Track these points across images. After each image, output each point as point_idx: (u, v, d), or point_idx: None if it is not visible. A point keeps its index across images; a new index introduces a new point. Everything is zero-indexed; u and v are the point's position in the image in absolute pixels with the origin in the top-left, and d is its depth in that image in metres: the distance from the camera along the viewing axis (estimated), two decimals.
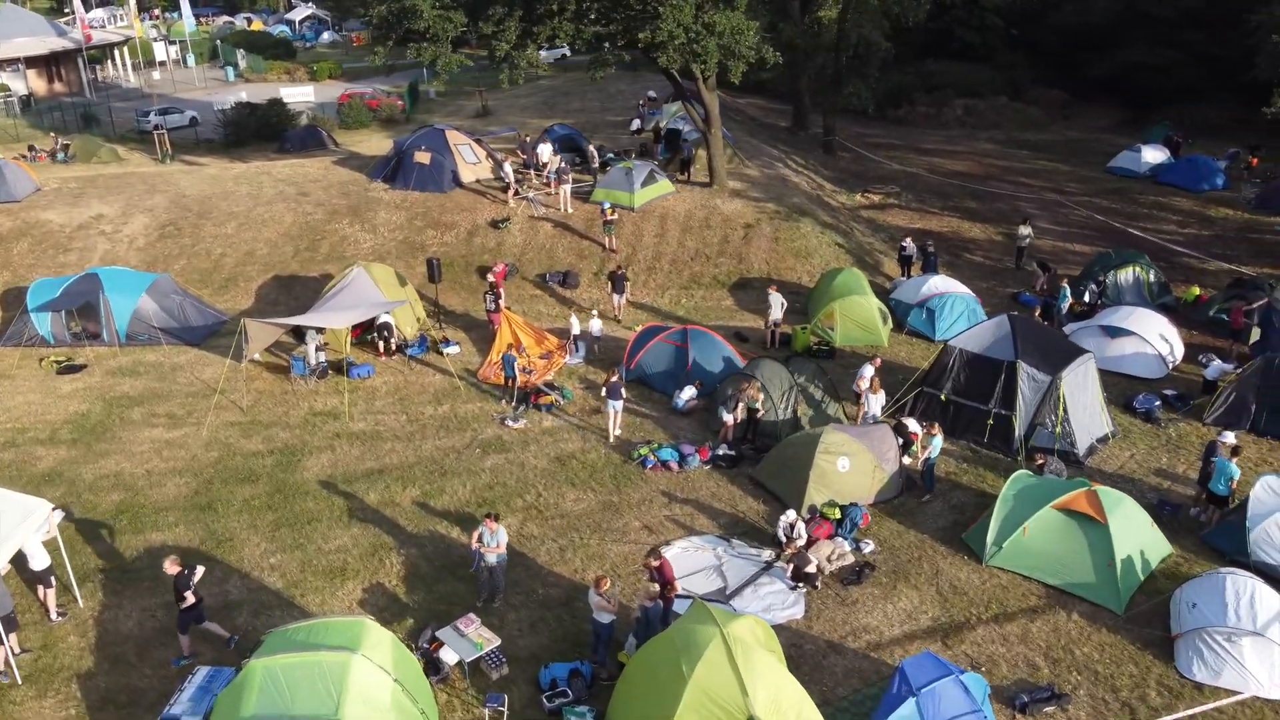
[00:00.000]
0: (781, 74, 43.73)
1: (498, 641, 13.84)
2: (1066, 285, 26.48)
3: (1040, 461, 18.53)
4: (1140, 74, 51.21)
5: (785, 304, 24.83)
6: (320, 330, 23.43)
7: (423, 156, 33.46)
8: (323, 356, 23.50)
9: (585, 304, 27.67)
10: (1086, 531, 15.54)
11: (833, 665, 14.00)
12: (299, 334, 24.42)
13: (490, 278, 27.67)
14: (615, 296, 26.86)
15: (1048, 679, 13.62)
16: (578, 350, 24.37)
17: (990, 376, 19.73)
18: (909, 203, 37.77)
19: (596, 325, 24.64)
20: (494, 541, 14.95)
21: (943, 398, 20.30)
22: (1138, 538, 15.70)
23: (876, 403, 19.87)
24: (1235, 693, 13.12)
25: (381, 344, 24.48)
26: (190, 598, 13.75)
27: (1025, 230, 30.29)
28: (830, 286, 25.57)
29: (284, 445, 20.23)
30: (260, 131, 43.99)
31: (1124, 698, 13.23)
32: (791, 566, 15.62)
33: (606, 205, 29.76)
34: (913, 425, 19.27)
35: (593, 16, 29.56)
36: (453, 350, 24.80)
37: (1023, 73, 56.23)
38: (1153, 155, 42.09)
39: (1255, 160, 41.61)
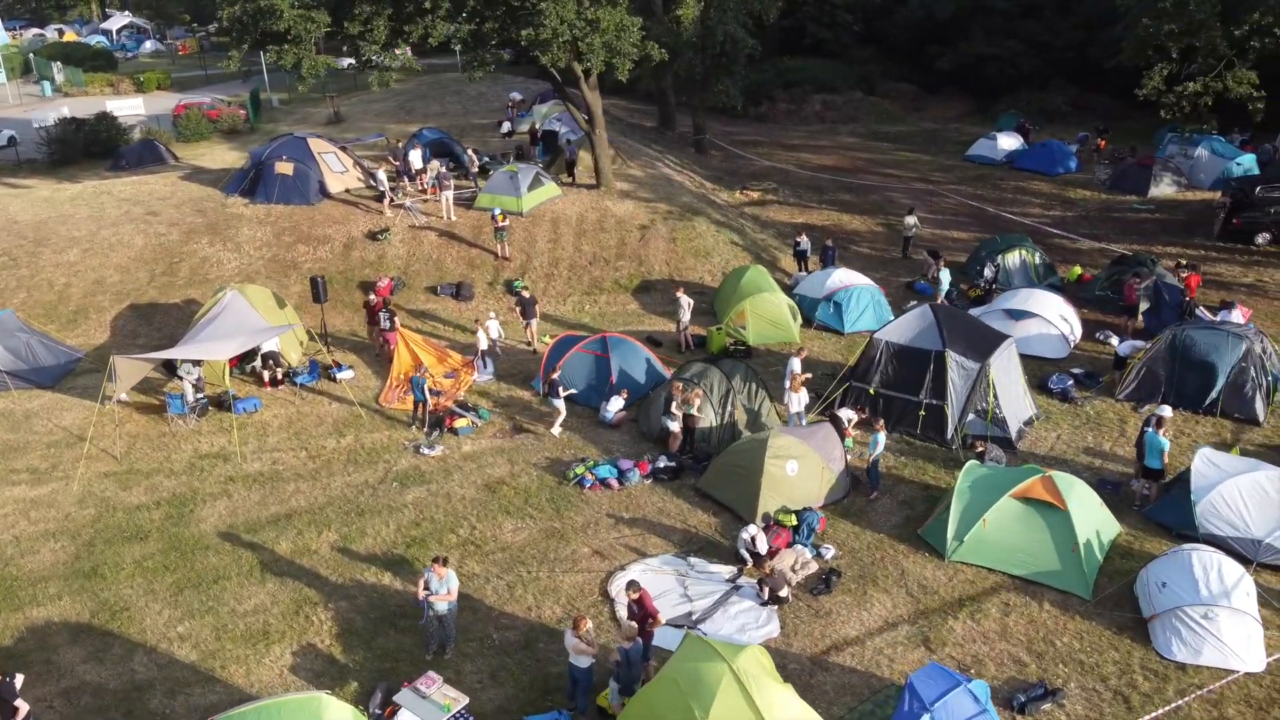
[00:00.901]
0: (645, 74, 43.23)
1: (465, 700, 12.42)
2: (947, 269, 26.97)
3: (980, 449, 18.45)
4: (985, 65, 53.50)
5: (692, 304, 24.10)
6: (197, 363, 21.12)
7: (284, 167, 31.06)
8: (202, 392, 21.18)
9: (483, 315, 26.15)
10: (1046, 518, 15.42)
11: (822, 683, 13.28)
12: (169, 368, 21.99)
13: (372, 297, 25.64)
14: (526, 322, 24.50)
15: (1037, 675, 13.32)
16: (486, 367, 22.92)
17: (919, 367, 19.56)
18: (787, 198, 37.89)
19: (494, 326, 23.29)
20: (444, 588, 13.50)
21: (871, 391, 20.01)
22: (1093, 520, 15.71)
23: (798, 401, 19.37)
24: (1219, 670, 13.14)
25: (266, 374, 22.32)
26: (22, 706, 11.75)
27: (911, 220, 30.71)
28: (738, 285, 25.03)
29: (171, 495, 17.99)
30: (89, 149, 39.98)
31: (1114, 686, 13.06)
32: (767, 590, 14.78)
33: (497, 211, 28.33)
34: (846, 414, 18.89)
35: (468, 14, 28.05)
36: (346, 375, 22.88)
37: (875, 68, 57.82)
38: (1008, 142, 43.85)
39: (1103, 143, 43.94)
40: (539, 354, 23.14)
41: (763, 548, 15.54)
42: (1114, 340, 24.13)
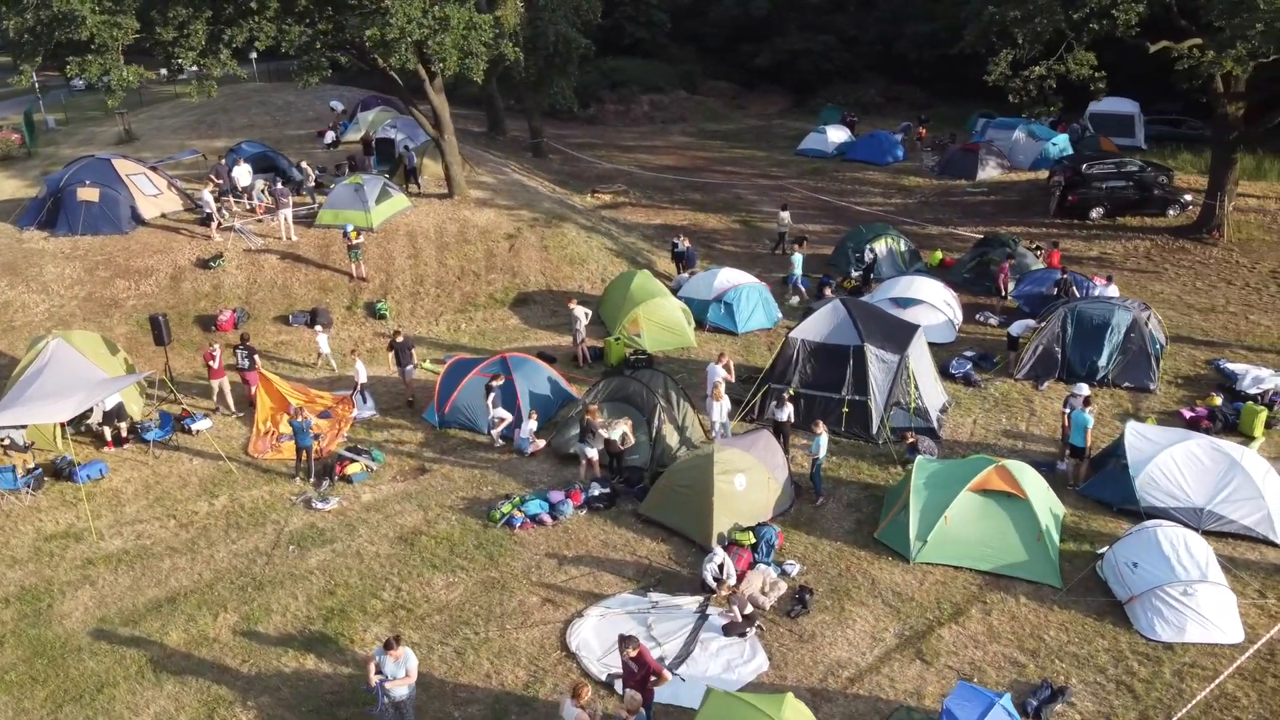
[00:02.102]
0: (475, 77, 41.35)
1: None
2: (800, 255, 27.09)
3: (911, 440, 18.18)
4: (800, 60, 54.85)
5: (590, 314, 22.75)
6: (21, 426, 17.81)
7: (88, 193, 27.21)
8: (32, 460, 17.88)
9: (343, 344, 23.75)
10: (1007, 509, 15.15)
11: (830, 716, 12.32)
12: None
13: (213, 339, 22.71)
14: (401, 371, 21.02)
15: (1037, 675, 12.90)
16: (366, 402, 20.65)
17: (838, 364, 19.08)
18: (639, 200, 37.10)
19: (361, 370, 20.78)
20: (401, 670, 11.58)
21: (791, 391, 19.34)
22: (1047, 505, 15.60)
23: (720, 410, 18.46)
24: (1204, 645, 13.17)
25: (108, 431, 19.17)
26: None
27: (785, 215, 30.53)
28: (628, 291, 23.84)
29: (20, 588, 14.93)
30: None
31: (1113, 676, 12.83)
32: (735, 610, 13.72)
33: (349, 228, 25.82)
34: (785, 412, 18.16)
35: (298, 14, 25.42)
36: (204, 425, 20.03)
37: (695, 67, 58.14)
38: (837, 135, 44.91)
39: (924, 131, 45.78)
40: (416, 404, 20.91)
41: (733, 574, 14.45)
42: (993, 320, 24.71)
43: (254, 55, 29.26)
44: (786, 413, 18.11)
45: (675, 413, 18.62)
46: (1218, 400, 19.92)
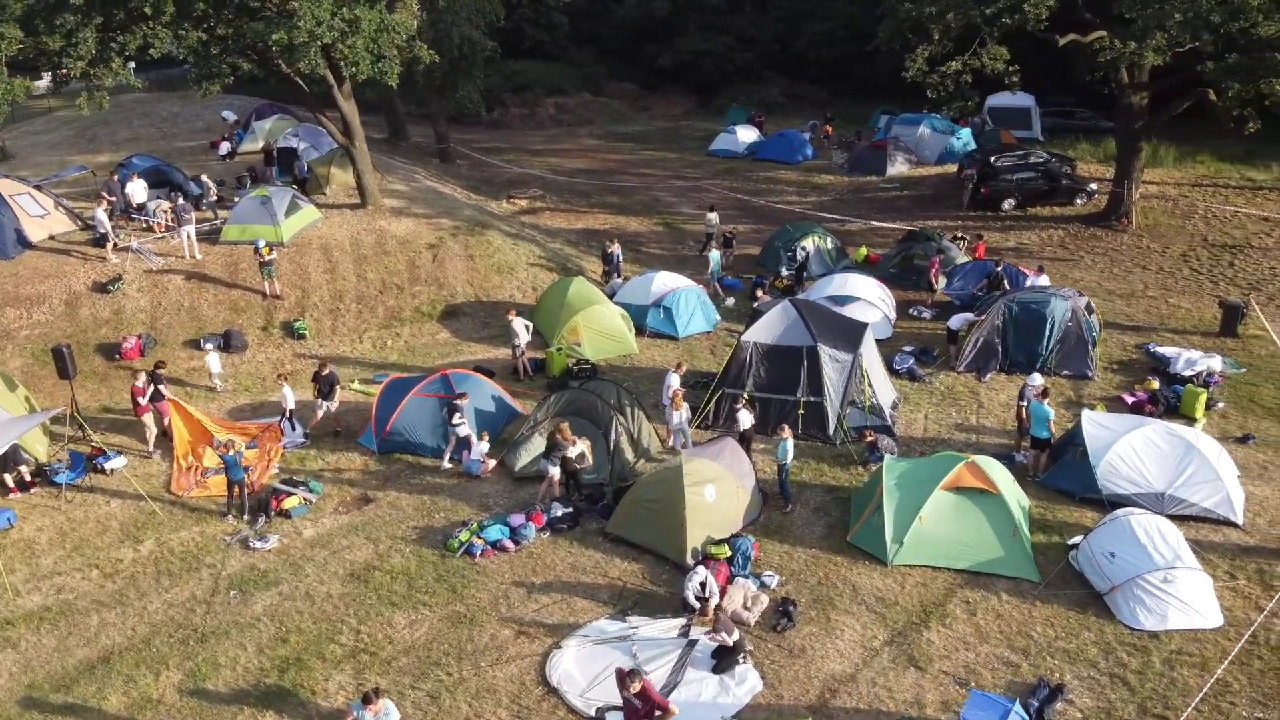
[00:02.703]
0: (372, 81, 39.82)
1: None
2: (717, 253, 27.29)
3: (871, 439, 18.00)
4: (702, 61, 54.86)
5: (530, 326, 21.89)
6: None
7: None
8: None
9: (261, 368, 22.33)
10: (981, 505, 15.05)
11: None
12: None
13: (136, 368, 21.06)
14: (323, 404, 19.36)
15: (1031, 673, 12.74)
16: (294, 429, 19.36)
17: (792, 366, 18.77)
18: (556, 205, 36.31)
19: (288, 395, 19.50)
20: None
21: (745, 396, 18.95)
22: (1016, 499, 15.57)
23: (680, 418, 17.94)
24: (1187, 631, 13.24)
25: (10, 477, 17.43)
26: None
27: (713, 217, 30.19)
28: (565, 299, 23.07)
29: None
30: None
31: (1105, 669, 12.76)
32: (718, 643, 13.09)
33: (261, 243, 24.31)
34: (745, 417, 17.72)
35: (197, 18, 23.82)
36: (118, 464, 18.43)
37: (598, 69, 57.57)
38: (746, 135, 44.96)
39: (830, 129, 46.24)
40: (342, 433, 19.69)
41: (715, 592, 13.89)
42: (926, 315, 24.88)
43: (131, 65, 27.25)
44: (747, 419, 17.68)
45: (631, 424, 18.01)
46: (1155, 384, 20.36)
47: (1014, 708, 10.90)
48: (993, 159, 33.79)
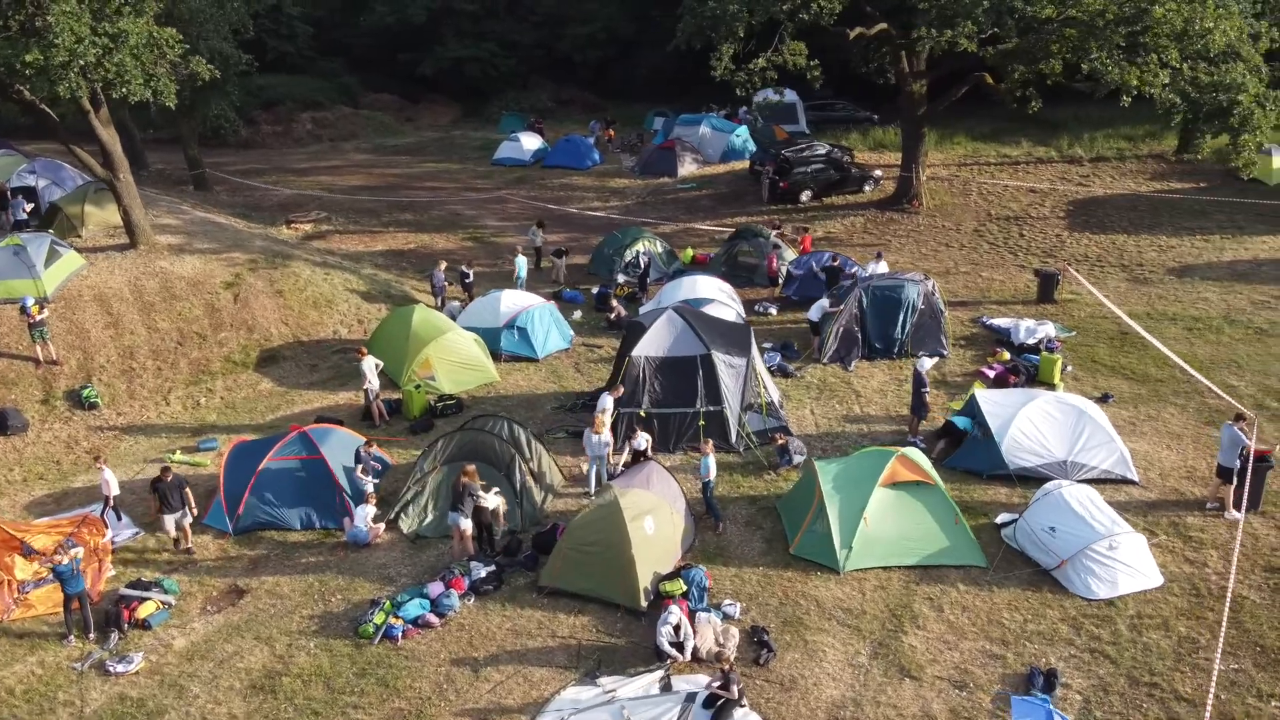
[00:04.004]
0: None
1: None
2: (523, 259, 26.60)
3: (782, 442, 17.48)
4: (466, 67, 52.93)
5: (381, 364, 19.56)
6: None
7: None
8: None
9: (54, 451, 18.59)
10: (920, 498, 14.84)
11: None
12: None
13: None
14: (167, 519, 15.34)
15: (1019, 663, 12.58)
16: (120, 519, 16.10)
17: (687, 376, 17.90)
18: (346, 227, 33.42)
19: (110, 480, 16.13)
20: None
21: (642, 413, 17.87)
22: (945, 486, 15.51)
23: (600, 443, 16.60)
24: (1138, 594, 13.62)
25: None
26: None
27: (538, 230, 28.70)
28: (409, 331, 20.87)
29: None
30: None
31: (1082, 645, 12.83)
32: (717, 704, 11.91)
33: (29, 301, 20.28)
34: (644, 441, 16.65)
35: None
36: None
37: (352, 79, 54.12)
38: (530, 142, 43.68)
39: (612, 133, 45.87)
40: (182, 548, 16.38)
41: (690, 635, 12.71)
42: (773, 310, 24.87)
43: None
44: (644, 440, 16.62)
45: (532, 460, 16.42)
46: (1006, 355, 21.34)
47: (1051, 707, 10.60)
48: (787, 153, 34.61)
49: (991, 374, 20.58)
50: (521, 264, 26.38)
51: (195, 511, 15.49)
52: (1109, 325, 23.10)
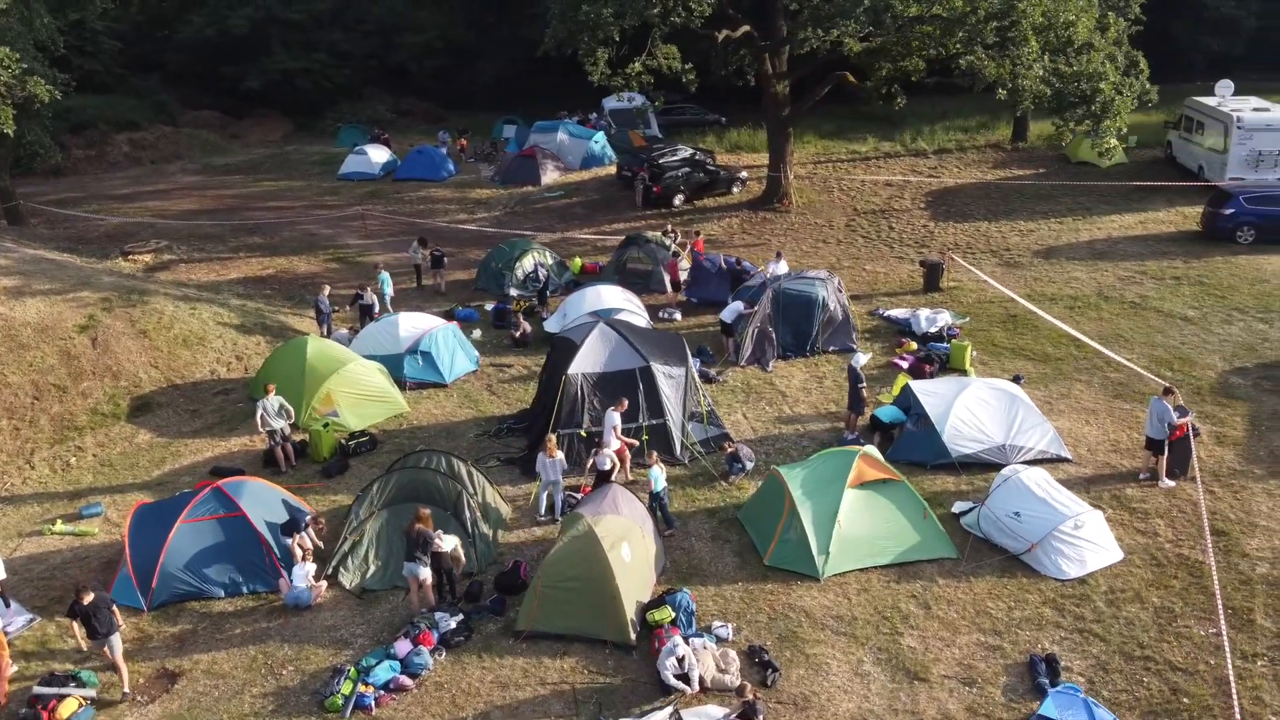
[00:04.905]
0: None
1: None
2: (385, 274, 25.27)
3: (731, 450, 17.08)
4: (297, 80, 50.08)
5: (283, 405, 17.77)
6: None
7: None
8: None
9: None
10: (888, 495, 14.77)
11: None
12: None
13: None
14: (97, 640, 12.51)
15: (1017, 653, 12.63)
16: (8, 606, 13.85)
17: (628, 390, 17.16)
18: (190, 255, 30.71)
19: None
20: None
21: (584, 433, 17.06)
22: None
23: (553, 468, 15.69)
24: (1105, 569, 14.00)
25: None
26: None
27: (420, 247, 27.15)
28: (304, 365, 19.10)
29: None
30: None
31: (1069, 626, 13.02)
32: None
33: None
34: (605, 458, 15.87)
35: None
36: None
37: (169, 96, 50.10)
38: (379, 155, 41.68)
39: (464, 143, 44.43)
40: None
41: (695, 666, 12.05)
42: (677, 316, 24.51)
43: None
44: (607, 459, 15.83)
45: (477, 495, 15.31)
46: (914, 345, 21.79)
47: (1083, 696, 10.64)
48: (656, 158, 34.43)
49: (905, 365, 20.91)
50: (385, 279, 24.92)
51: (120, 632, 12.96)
52: (996, 310, 24.02)
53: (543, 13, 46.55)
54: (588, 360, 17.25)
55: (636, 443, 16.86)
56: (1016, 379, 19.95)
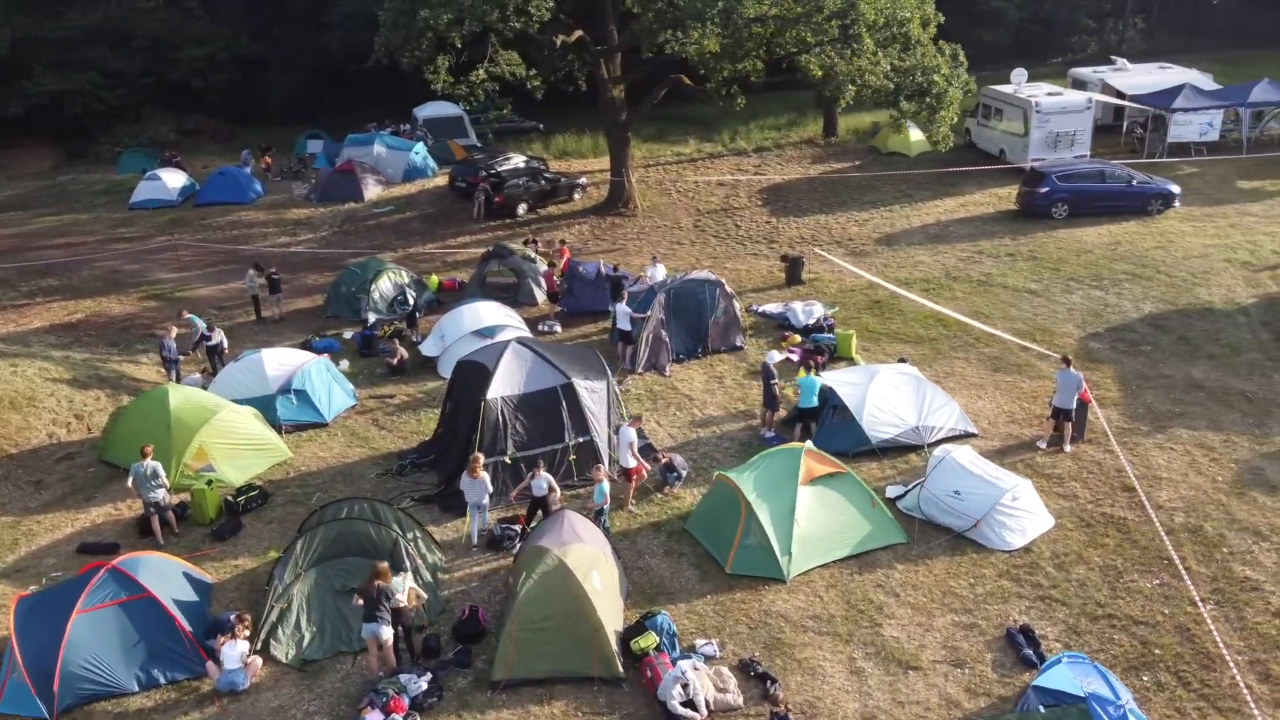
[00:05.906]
0: None
1: None
2: (193, 315, 22.67)
3: (665, 460, 16.66)
4: (66, 102, 45.02)
5: (158, 469, 15.60)
6: None
7: None
8: None
9: None
10: (838, 489, 14.82)
11: None
12: None
13: None
14: None
15: (992, 628, 12.96)
16: None
17: (551, 410, 16.41)
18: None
19: None
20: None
21: (508, 460, 16.10)
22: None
23: (480, 488, 14.71)
24: (1044, 535, 14.65)
25: None
26: None
27: (255, 274, 24.79)
28: (167, 419, 16.89)
29: None
30: None
31: (1032, 596, 13.52)
32: None
33: None
34: (541, 482, 15.03)
35: None
36: None
37: None
38: (174, 180, 38.08)
39: (269, 161, 41.42)
40: None
41: (699, 691, 11.52)
42: (558, 329, 23.77)
43: None
44: (545, 482, 15.00)
45: (414, 541, 14.09)
46: (798, 339, 22.15)
47: (1091, 663, 10.98)
48: (496, 167, 33.43)
49: (796, 357, 21.17)
50: (196, 320, 22.05)
51: None
52: (860, 297, 24.85)
53: (338, 21, 44.75)
54: (505, 383, 16.27)
55: (650, 466, 16.32)
56: (901, 361, 20.66)
